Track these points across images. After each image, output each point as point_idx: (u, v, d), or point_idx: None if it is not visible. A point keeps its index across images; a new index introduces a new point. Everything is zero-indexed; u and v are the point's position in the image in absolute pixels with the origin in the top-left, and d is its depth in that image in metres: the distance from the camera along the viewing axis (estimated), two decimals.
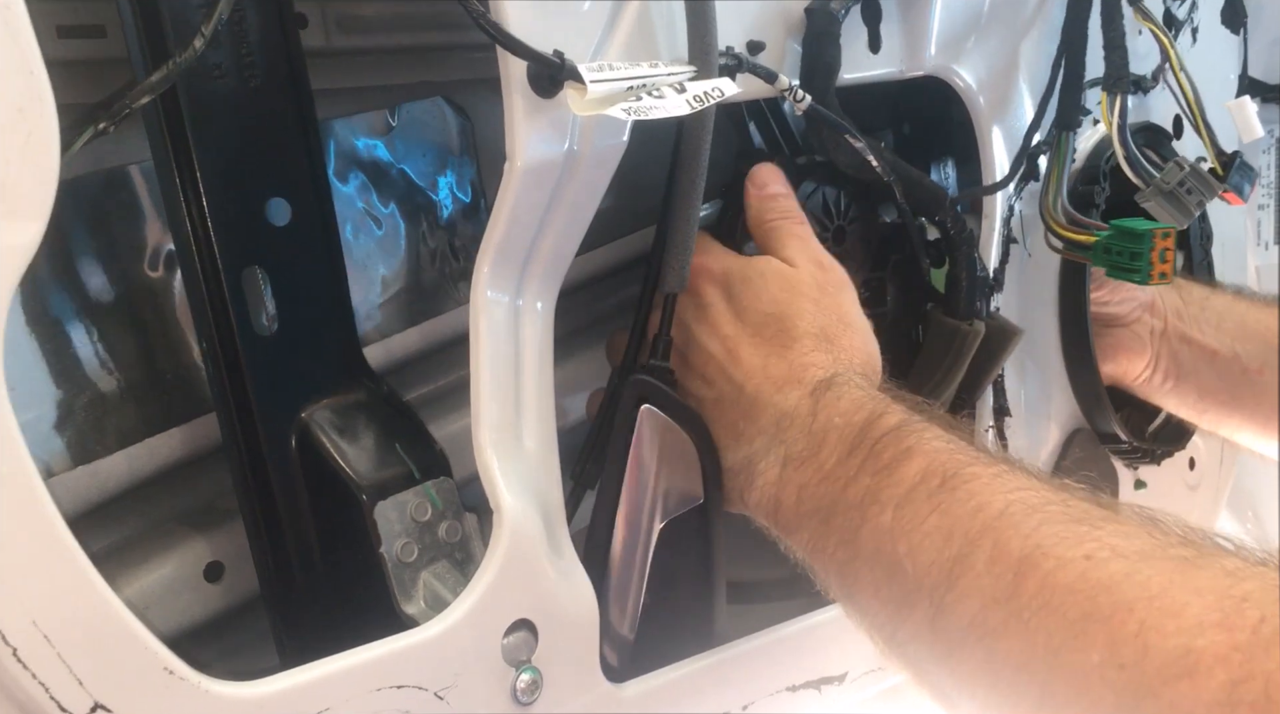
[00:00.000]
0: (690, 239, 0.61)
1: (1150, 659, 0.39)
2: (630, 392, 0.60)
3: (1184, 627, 0.39)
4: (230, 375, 0.55)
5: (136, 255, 0.60)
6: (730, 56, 0.62)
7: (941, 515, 0.48)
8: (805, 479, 0.55)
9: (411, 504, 0.56)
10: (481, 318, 0.55)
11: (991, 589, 0.45)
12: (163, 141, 0.53)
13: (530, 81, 0.53)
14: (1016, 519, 0.46)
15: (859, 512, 0.52)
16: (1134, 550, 0.43)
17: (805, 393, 0.58)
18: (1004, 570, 0.45)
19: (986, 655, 0.45)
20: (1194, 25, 0.93)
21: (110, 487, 0.58)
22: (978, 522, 0.47)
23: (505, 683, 0.54)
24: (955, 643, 0.47)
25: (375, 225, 0.69)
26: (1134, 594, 0.41)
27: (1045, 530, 0.45)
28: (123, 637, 0.44)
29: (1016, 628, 0.44)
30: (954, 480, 0.49)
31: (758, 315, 0.62)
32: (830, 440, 0.55)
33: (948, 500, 0.49)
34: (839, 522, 0.53)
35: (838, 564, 0.53)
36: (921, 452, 0.52)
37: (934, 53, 0.73)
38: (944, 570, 0.47)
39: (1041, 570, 0.44)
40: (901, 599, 0.49)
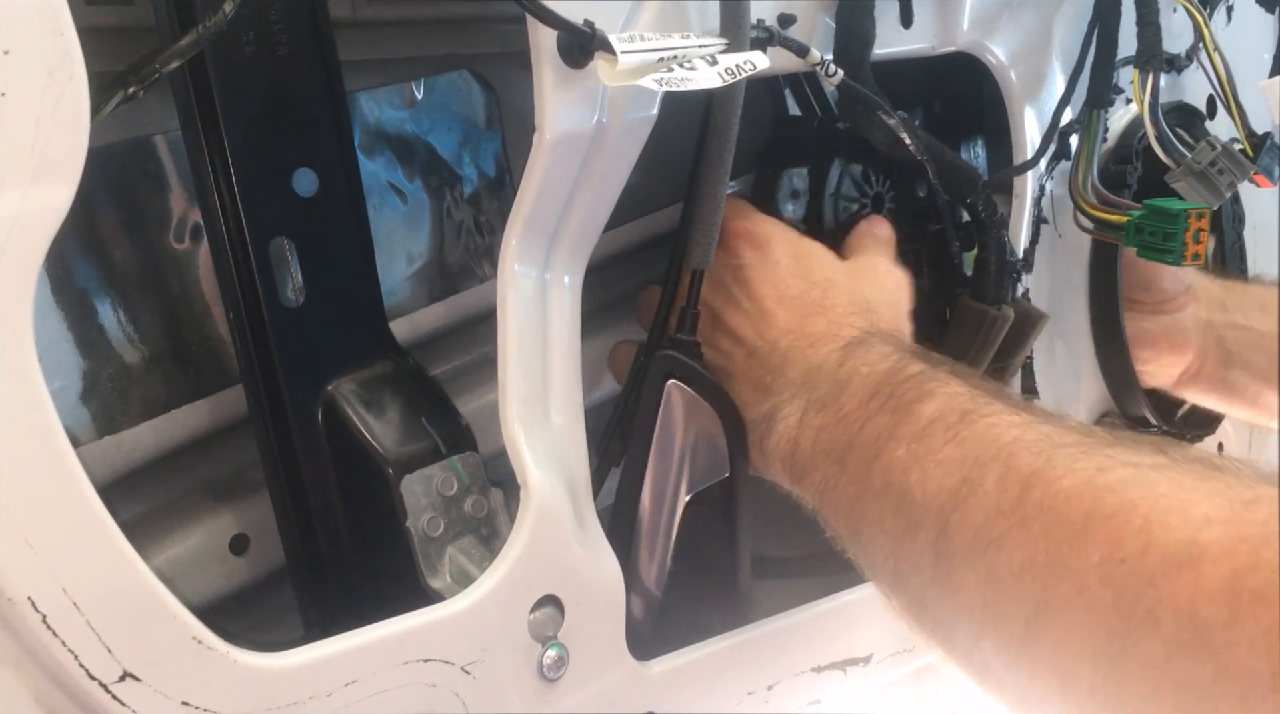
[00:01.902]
0: (717, 215, 0.61)
1: (1152, 551, 0.38)
2: (656, 367, 0.60)
3: (1189, 520, 0.38)
4: (257, 346, 0.55)
5: (162, 226, 0.60)
6: (762, 29, 0.61)
7: (956, 446, 0.48)
8: (824, 422, 0.55)
9: (438, 478, 0.56)
10: (509, 291, 0.55)
11: (996, 503, 0.44)
12: (190, 110, 0.52)
13: (560, 52, 0.52)
14: (1029, 442, 0.46)
15: (873, 448, 0.51)
16: (1146, 462, 0.42)
17: (837, 347, 0.58)
18: (1011, 485, 0.44)
19: (987, 567, 0.44)
20: (1229, 4, 0.92)
21: (136, 457, 0.58)
22: (991, 449, 0.46)
23: (531, 658, 0.54)
24: (956, 563, 0.46)
25: (400, 199, 0.68)
26: (1140, 493, 0.40)
27: (1058, 452, 0.44)
28: (152, 606, 0.43)
29: (1019, 534, 0.43)
30: (972, 416, 0.49)
31: (801, 281, 0.62)
32: (853, 385, 0.55)
33: (965, 432, 0.48)
34: (853, 459, 0.53)
35: (847, 500, 0.53)
36: (942, 393, 0.51)
37: (966, 28, 0.72)
38: (951, 493, 0.46)
39: (1047, 479, 0.43)
40: (907, 526, 0.49)
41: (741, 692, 0.64)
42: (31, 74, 0.39)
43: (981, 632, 0.45)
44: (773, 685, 0.65)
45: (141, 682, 0.43)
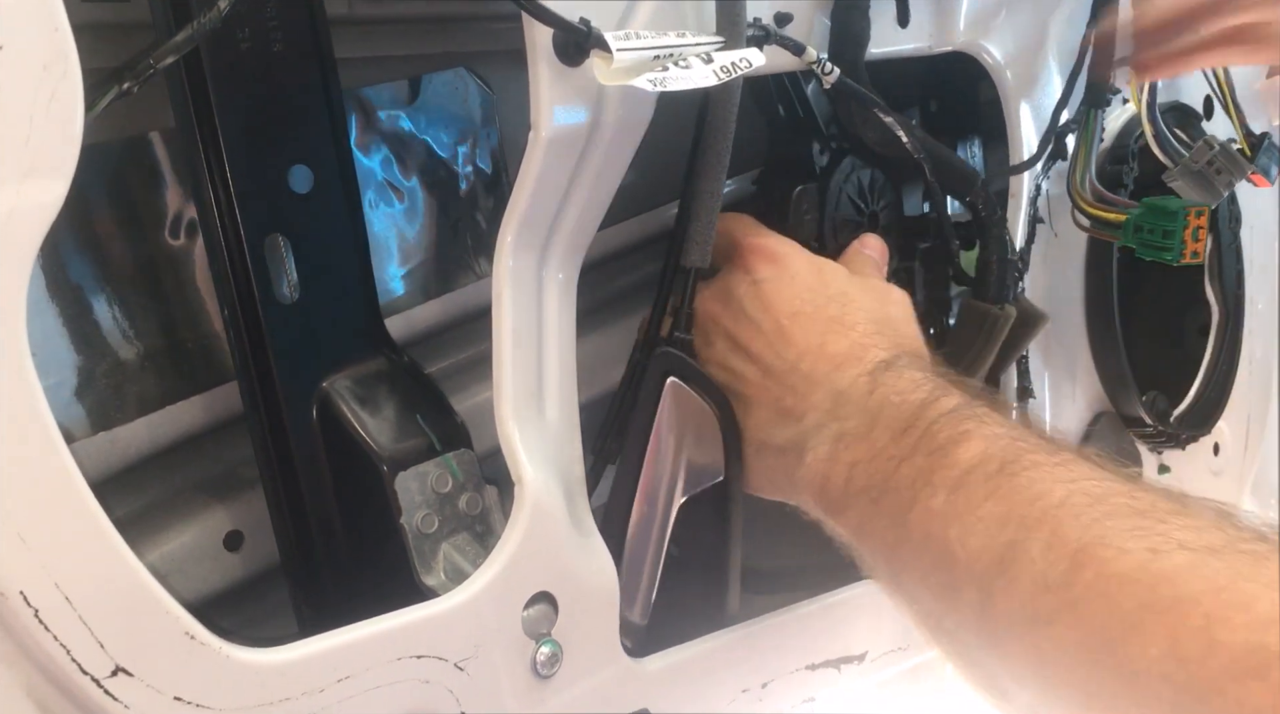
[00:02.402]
0: (714, 213, 0.61)
1: (1216, 656, 0.37)
2: (656, 364, 0.60)
3: (1254, 621, 0.37)
4: (252, 343, 0.55)
5: (157, 223, 0.60)
6: (758, 28, 0.61)
7: (997, 501, 0.46)
8: (856, 456, 0.53)
9: (432, 475, 0.56)
10: (504, 288, 0.55)
11: (1045, 576, 0.43)
12: (186, 106, 0.52)
13: (556, 49, 0.52)
14: (1077, 509, 0.44)
15: (910, 493, 0.50)
16: (1201, 544, 0.40)
17: (864, 372, 0.56)
18: (1059, 558, 0.42)
19: (1037, 645, 0.43)
20: None
21: (130, 454, 0.58)
22: (1035, 509, 0.44)
23: (525, 655, 0.54)
24: (1004, 632, 0.44)
25: (397, 197, 0.68)
26: (1199, 587, 0.38)
27: (1107, 522, 0.42)
28: (145, 601, 0.43)
29: (1069, 617, 0.41)
30: (1013, 466, 0.47)
31: (819, 297, 0.60)
32: (885, 417, 0.53)
33: (1005, 486, 0.46)
34: (889, 502, 0.51)
35: (886, 547, 0.51)
36: (980, 435, 0.49)
37: (963, 28, 0.72)
38: (995, 557, 0.45)
39: (1099, 559, 0.41)
40: (950, 585, 0.47)
41: (736, 689, 0.64)
42: (26, 69, 0.39)
43: (1037, 701, 0.44)
44: (767, 683, 0.65)
45: (134, 677, 0.43)
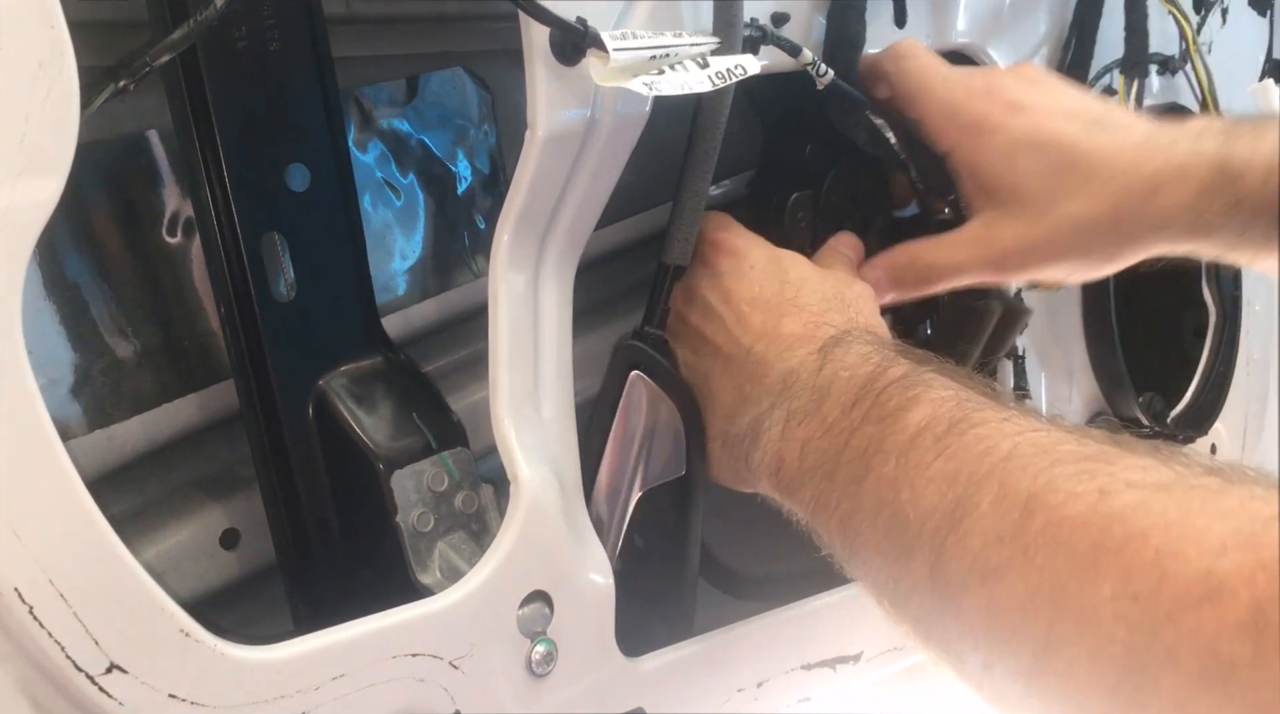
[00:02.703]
0: (697, 213, 0.61)
1: (1168, 585, 0.36)
2: (622, 357, 0.60)
3: (1205, 550, 0.36)
4: (248, 341, 0.55)
5: (155, 221, 0.60)
6: (755, 28, 0.61)
7: (946, 460, 0.46)
8: (808, 434, 0.53)
9: (428, 474, 0.56)
10: (501, 287, 0.55)
11: (995, 528, 0.42)
12: (182, 104, 0.52)
13: (552, 49, 0.52)
14: (1025, 459, 0.43)
15: (863, 463, 0.49)
16: (1150, 482, 0.40)
17: (814, 349, 0.56)
18: (1009, 509, 0.42)
19: (989, 597, 0.42)
20: (1224, 6, 0.92)
21: (126, 452, 0.58)
22: (984, 464, 0.44)
23: (520, 654, 0.54)
24: (956, 589, 0.44)
25: (394, 196, 0.68)
26: (1149, 522, 0.38)
27: (1055, 469, 0.42)
28: (140, 598, 0.43)
29: (1020, 565, 0.41)
30: (960, 425, 0.47)
31: (775, 282, 0.61)
32: (834, 392, 0.53)
33: (954, 445, 0.46)
34: (842, 475, 0.51)
35: (839, 519, 0.51)
36: (927, 399, 0.49)
37: (961, 28, 0.72)
38: (946, 514, 0.44)
39: (1048, 505, 0.41)
40: (902, 548, 0.47)
41: (731, 689, 0.64)
42: (22, 67, 0.39)
43: (989, 660, 0.43)
44: (762, 683, 0.65)
45: (128, 674, 0.43)
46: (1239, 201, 0.60)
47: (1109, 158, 0.63)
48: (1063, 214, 0.62)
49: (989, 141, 0.64)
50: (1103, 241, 0.63)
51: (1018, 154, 0.63)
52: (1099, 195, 0.62)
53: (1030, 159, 0.63)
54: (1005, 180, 0.63)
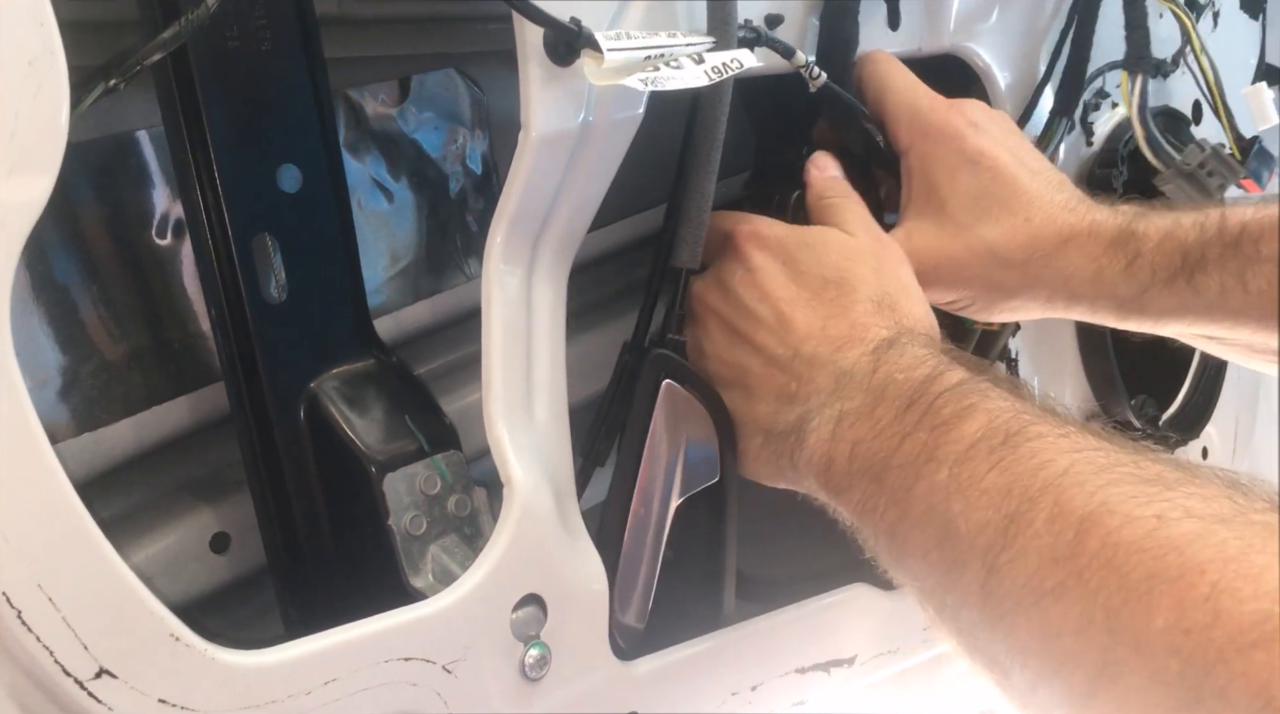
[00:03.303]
0: (705, 214, 0.61)
1: (1222, 625, 0.36)
2: (651, 367, 0.60)
3: (1261, 591, 0.36)
4: (239, 344, 0.54)
5: (145, 222, 0.60)
6: (749, 29, 0.61)
7: (1000, 472, 0.45)
8: (859, 435, 0.53)
9: (421, 477, 0.56)
10: (494, 289, 0.55)
11: (1050, 548, 0.42)
12: (173, 104, 0.52)
13: (546, 49, 0.52)
14: (1082, 477, 0.43)
15: (913, 469, 0.49)
16: (1209, 512, 0.39)
17: (867, 351, 0.56)
18: (1064, 528, 0.41)
19: (1042, 619, 0.42)
20: (1215, 9, 0.92)
21: (116, 454, 0.57)
22: (1039, 479, 0.44)
23: (514, 658, 0.54)
24: (1008, 607, 0.43)
25: (386, 197, 0.68)
26: (1207, 555, 0.37)
27: (1112, 490, 0.42)
28: (129, 603, 0.43)
29: (1075, 588, 0.40)
30: (1017, 438, 0.46)
31: (816, 279, 0.60)
32: (889, 395, 0.52)
33: (1009, 458, 0.45)
34: (892, 479, 0.50)
35: (888, 524, 0.51)
36: (984, 409, 0.49)
37: (954, 30, 0.72)
38: (999, 529, 0.44)
39: (1105, 528, 0.40)
40: (953, 560, 0.46)
41: (725, 692, 0.64)
42: (11, 64, 0.38)
43: (1039, 679, 0.43)
44: (756, 686, 0.65)
45: (118, 679, 0.43)
46: (1137, 256, 0.64)
47: (1035, 202, 0.66)
48: (980, 236, 0.65)
49: (943, 149, 0.66)
50: (1009, 276, 0.66)
51: (961, 169, 0.66)
52: (1019, 230, 0.65)
53: (970, 177, 0.66)
54: (941, 192, 0.66)
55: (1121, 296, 0.64)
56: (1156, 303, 0.64)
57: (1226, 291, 0.62)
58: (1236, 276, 0.62)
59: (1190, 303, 0.64)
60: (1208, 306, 0.63)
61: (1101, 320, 0.67)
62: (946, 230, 0.65)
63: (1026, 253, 0.65)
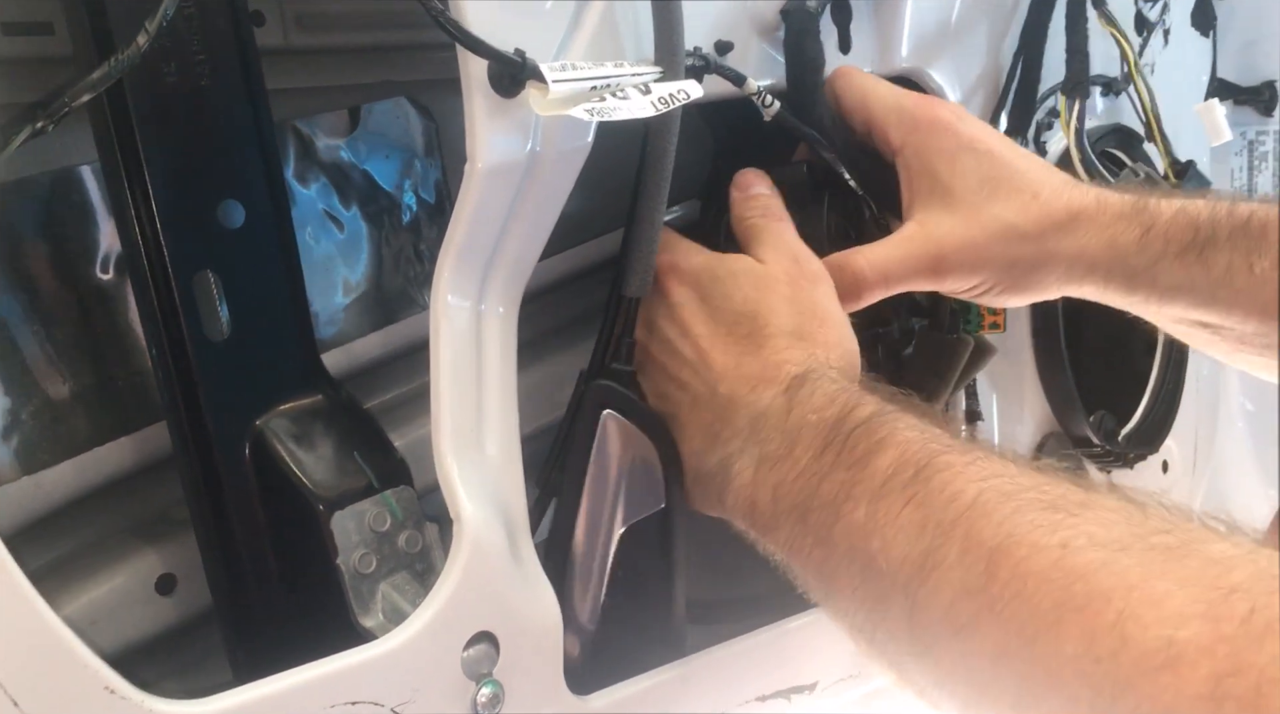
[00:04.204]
0: (654, 243, 0.60)
1: (1128, 651, 0.37)
2: (592, 397, 0.59)
3: (1165, 617, 0.37)
4: (181, 383, 0.53)
5: (87, 258, 0.59)
6: (698, 57, 0.61)
7: (914, 508, 0.46)
8: (780, 477, 0.54)
9: (370, 514, 0.55)
10: (442, 322, 0.54)
11: (963, 581, 0.43)
12: (109, 142, 0.51)
13: (491, 81, 0.52)
14: (989, 507, 0.44)
15: (833, 509, 0.50)
16: (1112, 539, 0.40)
17: (780, 391, 0.56)
18: (976, 560, 0.43)
19: (962, 650, 0.43)
20: (1166, 27, 0.93)
21: (57, 497, 0.56)
22: (950, 512, 0.45)
23: (465, 697, 0.53)
24: (931, 639, 0.45)
25: (336, 228, 0.67)
26: (1111, 583, 0.39)
27: (1018, 518, 0.43)
28: (60, 655, 0.42)
29: (990, 619, 0.42)
30: (927, 470, 0.47)
31: (729, 314, 0.60)
32: (804, 437, 0.54)
33: (921, 491, 0.47)
34: (814, 519, 0.51)
35: (815, 564, 0.52)
36: (894, 442, 0.50)
37: (906, 53, 0.73)
38: (916, 565, 0.45)
39: (1014, 559, 0.42)
40: (877, 597, 0.48)
41: None
42: None
43: (965, 708, 0.45)
44: None
45: None
46: (1152, 227, 0.64)
47: (1037, 179, 0.66)
48: (994, 216, 0.65)
49: (938, 139, 0.66)
50: (1026, 251, 0.65)
51: (960, 155, 0.66)
52: (1029, 206, 0.65)
53: (971, 162, 0.66)
54: (944, 180, 0.66)
55: (1134, 267, 0.64)
56: (1167, 276, 0.64)
57: (1233, 270, 0.63)
58: (1244, 256, 0.63)
59: (1199, 279, 0.64)
60: (1214, 284, 0.64)
61: (1111, 296, 0.67)
62: (960, 214, 0.65)
63: (1040, 227, 0.65)
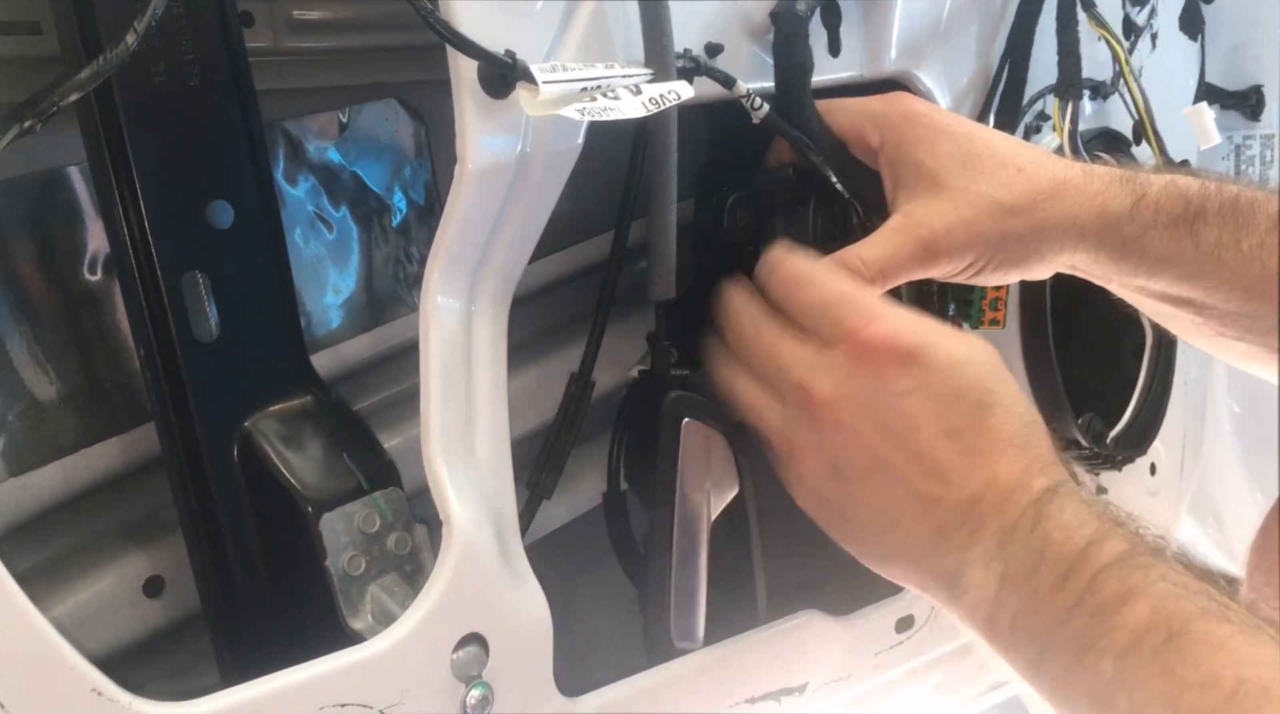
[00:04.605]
0: (671, 244, 0.61)
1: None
2: (670, 409, 0.61)
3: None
4: (170, 384, 0.53)
5: (75, 258, 0.58)
6: (688, 59, 0.61)
7: (1168, 680, 0.46)
8: (1019, 605, 0.51)
9: (359, 515, 0.55)
10: (432, 324, 0.54)
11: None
12: (98, 141, 0.51)
13: (481, 82, 0.52)
14: (1248, 707, 0.44)
15: (1074, 657, 0.49)
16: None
17: (1031, 501, 0.53)
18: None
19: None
20: (1153, 31, 0.94)
21: (44, 499, 0.56)
22: (1206, 700, 0.45)
23: (455, 699, 0.53)
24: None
25: (326, 229, 0.67)
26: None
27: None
28: (47, 657, 0.42)
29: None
30: (1181, 639, 0.46)
31: (973, 406, 0.55)
32: (1048, 559, 0.51)
33: (1175, 662, 0.46)
34: (1054, 658, 0.50)
35: (1057, 700, 0.51)
36: (1146, 595, 0.48)
37: (895, 56, 0.73)
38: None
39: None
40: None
41: None
42: None
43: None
44: None
45: None
46: (1143, 197, 0.64)
47: (1018, 154, 0.66)
48: (980, 193, 0.64)
49: (914, 130, 0.66)
50: (1017, 223, 0.64)
51: (938, 140, 0.65)
52: (1014, 179, 0.64)
53: (950, 144, 0.65)
54: (927, 168, 0.65)
55: (1125, 236, 0.64)
56: (1156, 246, 0.64)
57: (1222, 245, 0.63)
58: (1232, 233, 0.63)
59: (1187, 252, 0.64)
60: (1203, 258, 0.64)
61: (1101, 268, 0.66)
62: (946, 196, 0.64)
63: (1028, 198, 0.64)
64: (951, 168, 0.65)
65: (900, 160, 0.66)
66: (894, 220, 0.65)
